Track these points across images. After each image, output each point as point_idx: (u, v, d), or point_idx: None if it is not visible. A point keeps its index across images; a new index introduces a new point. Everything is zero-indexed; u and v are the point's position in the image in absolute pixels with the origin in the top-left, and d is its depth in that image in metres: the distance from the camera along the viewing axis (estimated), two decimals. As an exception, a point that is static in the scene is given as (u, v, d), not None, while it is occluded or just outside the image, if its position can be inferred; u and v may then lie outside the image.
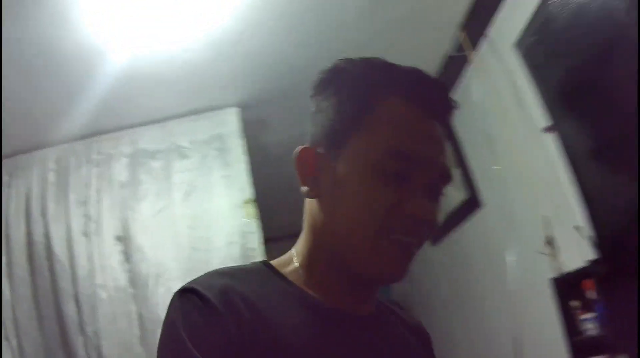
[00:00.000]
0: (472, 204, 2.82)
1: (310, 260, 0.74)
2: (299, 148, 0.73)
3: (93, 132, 2.56)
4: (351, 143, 0.69)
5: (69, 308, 2.35)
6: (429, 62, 2.57)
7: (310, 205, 0.74)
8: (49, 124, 2.37)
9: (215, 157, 2.58)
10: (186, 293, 0.67)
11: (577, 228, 1.89)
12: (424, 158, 0.68)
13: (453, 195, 3.08)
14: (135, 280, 2.41)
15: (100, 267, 2.41)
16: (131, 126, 2.57)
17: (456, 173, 2.96)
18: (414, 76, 0.71)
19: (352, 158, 0.69)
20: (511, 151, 2.28)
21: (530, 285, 2.35)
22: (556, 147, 1.91)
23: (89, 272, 2.40)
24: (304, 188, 0.72)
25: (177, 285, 2.19)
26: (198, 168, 2.57)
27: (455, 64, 2.51)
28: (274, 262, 0.77)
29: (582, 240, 1.94)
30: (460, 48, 2.39)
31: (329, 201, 0.71)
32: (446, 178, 0.72)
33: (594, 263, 1.72)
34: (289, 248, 0.80)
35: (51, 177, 2.52)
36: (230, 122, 2.61)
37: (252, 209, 2.47)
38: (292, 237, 0.82)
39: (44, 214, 2.47)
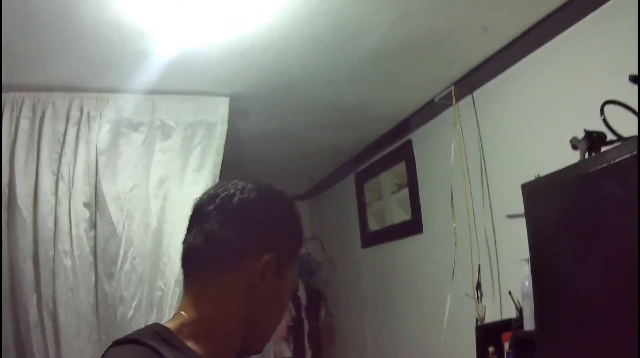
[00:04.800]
0: (413, 227, 3.27)
1: (218, 332, 0.94)
2: (269, 256, 0.95)
3: (75, 87, 2.44)
4: (288, 267, 1.00)
5: (26, 267, 2.27)
6: (414, 100, 2.91)
7: (245, 292, 0.94)
8: (29, 66, 2.24)
9: (197, 143, 2.59)
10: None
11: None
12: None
13: (397, 213, 3.52)
14: (99, 251, 2.40)
15: (66, 232, 2.35)
16: (116, 91, 2.49)
17: (404, 195, 3.48)
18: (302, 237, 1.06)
19: (286, 279, 0.99)
20: (464, 208, 2.66)
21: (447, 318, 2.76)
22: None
23: (54, 236, 2.33)
24: (258, 283, 0.95)
25: (141, 264, 2.52)
26: (178, 151, 2.56)
27: (435, 108, 2.89)
28: (170, 326, 0.93)
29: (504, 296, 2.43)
30: (444, 98, 2.72)
31: (268, 298, 0.96)
32: None
33: (515, 324, 2.11)
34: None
35: (24, 125, 2.36)
36: (219, 111, 2.62)
37: None
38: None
39: (11, 162, 2.33)
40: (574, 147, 1.53)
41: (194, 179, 2.58)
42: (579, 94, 2.03)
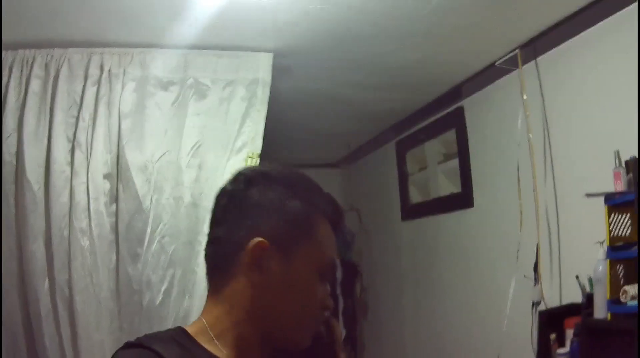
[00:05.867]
0: (462, 200, 3.09)
1: (233, 334, 0.91)
2: (257, 240, 0.89)
3: (94, 42, 2.19)
4: (300, 249, 0.91)
5: (36, 248, 2.06)
6: (472, 63, 2.76)
7: (247, 287, 0.90)
8: (41, 19, 2.01)
9: (237, 104, 2.33)
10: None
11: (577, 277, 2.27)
12: (336, 265, 0.97)
13: (444, 185, 3.37)
14: (122, 229, 2.16)
15: (83, 208, 2.10)
16: (142, 46, 2.25)
17: (453, 165, 3.29)
18: (332, 203, 0.98)
19: (302, 262, 0.91)
20: (527, 183, 2.49)
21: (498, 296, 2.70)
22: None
23: (69, 212, 2.09)
24: (255, 275, 0.90)
25: (171, 244, 2.25)
26: (215, 113, 2.31)
27: (493, 73, 2.72)
28: (189, 330, 0.92)
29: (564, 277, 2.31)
30: (506, 62, 2.56)
31: (277, 289, 0.90)
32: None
33: (585, 310, 2.00)
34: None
35: (35, 85, 2.11)
36: (261, 68, 2.36)
37: (255, 164, 2.27)
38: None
39: (19, 128, 2.08)
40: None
41: (234, 145, 2.34)
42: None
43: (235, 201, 0.94)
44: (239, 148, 2.34)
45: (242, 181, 0.96)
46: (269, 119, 2.42)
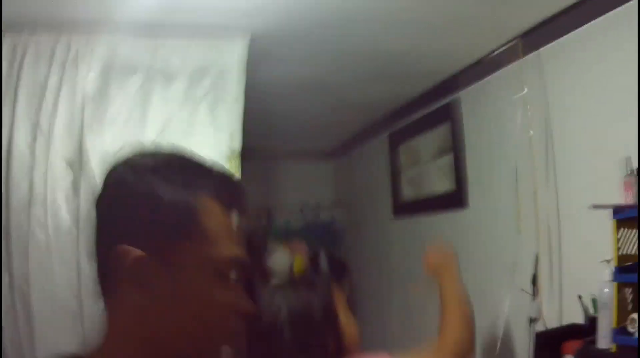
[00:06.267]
0: (456, 199, 2.93)
1: None
2: (121, 250, 0.70)
3: (61, 23, 2.10)
4: (183, 248, 0.73)
5: None
6: (468, 53, 2.60)
7: (130, 308, 0.73)
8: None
9: (207, 90, 2.21)
10: None
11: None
12: (243, 260, 0.79)
13: (439, 182, 3.16)
14: (83, 222, 2.01)
15: (41, 198, 2.00)
16: (108, 26, 2.14)
17: (447, 162, 3.07)
18: (221, 179, 0.79)
19: (190, 263, 0.73)
20: (527, 187, 2.34)
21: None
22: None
23: (29, 202, 1.98)
24: (133, 293, 0.72)
25: None
26: (183, 98, 2.19)
27: (490, 65, 2.57)
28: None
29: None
30: (504, 53, 2.39)
31: (164, 306, 0.73)
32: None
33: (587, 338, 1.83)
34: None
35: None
36: (234, 53, 2.23)
37: (235, 164, 2.19)
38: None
39: None
40: None
41: (205, 135, 2.20)
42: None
43: (99, 210, 0.79)
44: (217, 139, 2.22)
45: (102, 184, 0.81)
46: (251, 108, 2.27)
